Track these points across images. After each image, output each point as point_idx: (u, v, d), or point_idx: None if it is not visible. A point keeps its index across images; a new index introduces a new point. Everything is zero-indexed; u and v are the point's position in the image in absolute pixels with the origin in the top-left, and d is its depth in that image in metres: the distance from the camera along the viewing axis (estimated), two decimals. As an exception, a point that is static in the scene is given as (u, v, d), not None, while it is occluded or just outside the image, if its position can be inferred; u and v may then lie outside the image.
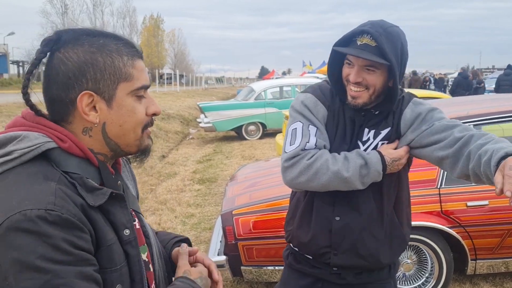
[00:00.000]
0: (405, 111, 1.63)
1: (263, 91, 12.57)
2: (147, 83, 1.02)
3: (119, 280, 0.94)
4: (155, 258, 1.13)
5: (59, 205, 0.85)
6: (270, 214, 3.28)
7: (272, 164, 5.00)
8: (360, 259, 1.68)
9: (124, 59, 0.97)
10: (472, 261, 3.24)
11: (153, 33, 57.90)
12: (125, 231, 0.98)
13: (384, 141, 1.64)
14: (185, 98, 23.98)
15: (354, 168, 1.54)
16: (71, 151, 0.94)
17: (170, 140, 11.94)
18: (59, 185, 0.89)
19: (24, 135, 0.93)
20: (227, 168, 8.31)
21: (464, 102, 4.37)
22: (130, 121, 0.99)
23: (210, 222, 5.22)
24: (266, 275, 3.37)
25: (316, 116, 1.65)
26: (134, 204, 1.13)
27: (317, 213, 1.71)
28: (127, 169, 1.19)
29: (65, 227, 0.84)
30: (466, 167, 1.43)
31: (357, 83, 1.56)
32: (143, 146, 1.05)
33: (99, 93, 0.95)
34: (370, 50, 1.50)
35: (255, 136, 12.30)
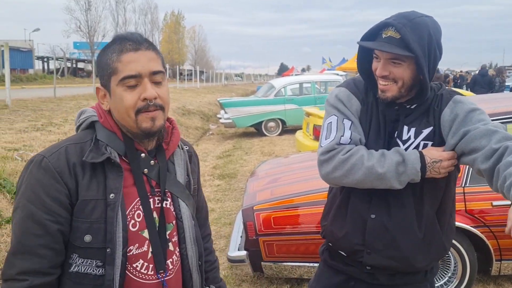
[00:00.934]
0: (444, 110, 1.56)
1: (283, 87, 12.54)
2: (132, 73, 1.16)
3: (88, 231, 1.15)
4: (187, 242, 1.31)
5: (52, 157, 1.16)
6: (292, 210, 3.28)
7: (292, 161, 5.00)
8: (393, 261, 1.63)
9: (113, 56, 1.18)
10: (497, 261, 3.18)
11: (174, 29, 58.31)
12: (110, 195, 1.17)
13: (427, 141, 1.57)
14: (205, 94, 24.12)
15: (390, 164, 1.49)
16: (104, 125, 1.23)
17: (191, 136, 12.03)
18: (73, 145, 1.19)
19: (85, 110, 1.29)
20: (246, 164, 8.33)
21: (488, 99, 4.28)
22: (121, 107, 1.18)
23: (230, 217, 5.25)
24: (286, 271, 3.38)
25: (350, 109, 1.62)
26: (174, 187, 1.30)
27: (352, 210, 1.66)
28: (182, 158, 1.35)
29: (47, 173, 1.14)
30: (495, 185, 1.38)
31: (384, 76, 1.54)
32: (142, 127, 1.19)
33: (104, 86, 1.23)
34: (394, 43, 1.47)
35: (274, 132, 12.29)
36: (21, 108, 10.70)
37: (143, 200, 1.21)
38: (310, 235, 3.19)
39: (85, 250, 1.15)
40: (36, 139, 6.57)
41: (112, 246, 1.15)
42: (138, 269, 1.21)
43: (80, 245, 1.15)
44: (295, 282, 3.56)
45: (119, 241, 1.16)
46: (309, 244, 3.22)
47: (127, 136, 1.23)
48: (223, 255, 4.05)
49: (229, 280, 3.70)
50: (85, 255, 1.16)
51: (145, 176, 1.24)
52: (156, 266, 1.23)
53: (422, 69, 1.49)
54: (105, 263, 1.15)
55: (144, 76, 1.17)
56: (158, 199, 1.25)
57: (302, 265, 3.34)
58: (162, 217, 1.26)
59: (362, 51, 1.64)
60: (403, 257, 1.62)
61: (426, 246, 1.62)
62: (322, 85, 13.52)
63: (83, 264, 1.16)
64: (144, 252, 1.21)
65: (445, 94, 1.61)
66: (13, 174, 4.59)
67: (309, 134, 7.39)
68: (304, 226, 3.18)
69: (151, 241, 1.22)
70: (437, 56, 1.54)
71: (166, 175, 1.29)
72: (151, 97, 1.16)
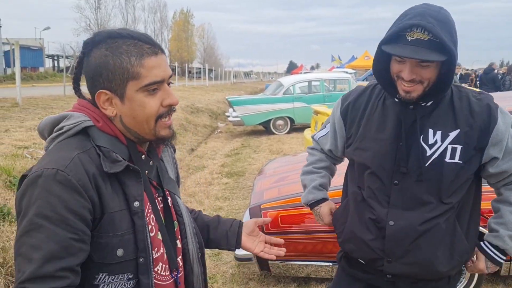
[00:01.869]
0: (499, 121, 1.50)
1: (291, 85, 12.51)
2: (158, 79, 1.10)
3: (120, 244, 1.08)
4: (188, 236, 1.30)
5: (69, 169, 1.02)
6: (299, 209, 3.26)
7: (300, 159, 4.98)
8: (415, 267, 1.58)
9: (132, 60, 1.08)
10: (507, 262, 3.14)
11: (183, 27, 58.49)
12: (135, 203, 1.11)
13: (455, 145, 1.51)
14: (214, 92, 24.15)
15: (304, 179, 1.96)
16: (104, 129, 1.12)
17: (199, 134, 12.05)
18: (82, 154, 1.07)
19: (71, 115, 1.13)
20: (255, 162, 8.33)
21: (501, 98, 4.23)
22: (142, 114, 1.11)
23: (238, 216, 5.25)
24: (293, 269, 3.37)
25: (334, 119, 1.81)
26: (170, 185, 1.29)
27: (369, 217, 1.63)
28: (169, 154, 1.35)
29: (67, 187, 1.01)
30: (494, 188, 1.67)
31: (412, 80, 1.47)
32: (159, 135, 1.16)
33: (113, 91, 1.10)
34: (424, 45, 1.38)
35: (283, 130, 12.27)
36: (32, 106, 10.80)
37: (152, 203, 1.20)
38: (318, 234, 3.17)
39: (117, 265, 1.09)
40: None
41: (146, 254, 1.11)
42: (159, 272, 1.19)
43: (112, 261, 1.08)
44: (302, 281, 3.55)
45: (149, 248, 1.13)
46: (316, 243, 3.21)
47: (130, 140, 1.16)
48: (231, 254, 4.06)
49: (236, 278, 3.70)
50: (116, 271, 1.09)
51: (147, 178, 1.21)
52: (170, 265, 1.23)
53: (454, 69, 1.46)
54: (138, 273, 1.11)
55: (165, 82, 1.13)
56: (161, 199, 1.25)
57: (310, 264, 3.33)
58: (169, 216, 1.26)
59: (381, 53, 1.52)
60: (425, 262, 1.57)
61: (449, 250, 1.58)
62: (331, 83, 13.45)
63: (113, 281, 1.09)
64: (161, 254, 1.20)
65: (484, 100, 1.56)
66: (23, 172, 4.63)
67: (318, 132, 7.35)
68: (312, 225, 3.17)
69: (164, 242, 1.21)
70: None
71: (163, 174, 1.28)
72: (176, 103, 1.15)
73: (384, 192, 1.59)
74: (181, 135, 10.72)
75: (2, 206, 3.77)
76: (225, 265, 3.96)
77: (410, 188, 1.55)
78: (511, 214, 1.58)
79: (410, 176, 1.55)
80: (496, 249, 1.62)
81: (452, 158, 1.52)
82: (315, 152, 1.95)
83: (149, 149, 1.24)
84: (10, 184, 4.27)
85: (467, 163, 1.52)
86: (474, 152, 1.52)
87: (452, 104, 1.55)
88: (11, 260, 3.15)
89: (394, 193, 1.58)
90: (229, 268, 3.90)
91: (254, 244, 1.49)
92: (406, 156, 1.55)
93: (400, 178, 1.56)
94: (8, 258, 3.16)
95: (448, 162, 1.52)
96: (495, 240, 1.61)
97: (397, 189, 1.57)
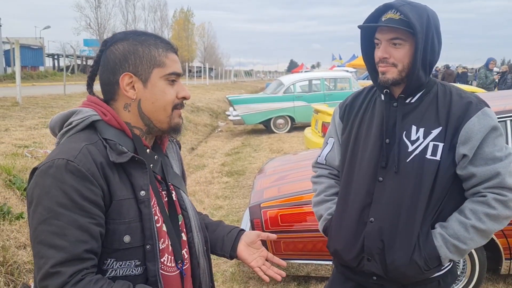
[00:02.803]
0: (472, 119, 1.49)
1: (292, 84, 12.50)
2: (178, 71, 1.23)
3: (127, 231, 1.13)
4: (193, 230, 1.34)
5: (78, 159, 1.08)
6: (298, 207, 3.26)
7: (300, 158, 4.97)
8: (390, 268, 1.57)
9: (159, 51, 1.21)
10: (507, 260, 3.14)
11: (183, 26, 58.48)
12: (141, 192, 1.16)
13: (437, 142, 1.52)
14: (214, 91, 24.13)
15: (318, 210, 1.86)
16: (111, 123, 1.18)
17: (199, 133, 12.05)
18: (90, 145, 1.13)
19: (79, 110, 1.20)
20: (255, 161, 8.33)
21: (503, 96, 4.23)
22: (161, 99, 1.20)
23: (238, 215, 5.25)
24: (293, 268, 3.37)
25: (337, 128, 1.83)
26: (174, 179, 1.34)
27: (351, 215, 1.65)
28: (174, 150, 1.41)
29: (78, 177, 1.07)
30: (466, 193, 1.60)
31: (384, 59, 1.53)
32: (173, 123, 1.24)
33: (138, 75, 1.19)
34: (394, 23, 1.49)
35: (283, 129, 12.26)
36: (32, 105, 10.79)
37: (157, 196, 1.23)
38: (318, 233, 3.14)
39: (124, 252, 1.13)
40: (46, 136, 6.62)
41: (153, 242, 1.16)
42: (165, 263, 1.23)
43: (119, 247, 1.13)
44: (303, 279, 3.55)
45: (156, 236, 1.17)
46: (316, 242, 3.21)
47: (135, 133, 1.21)
48: (230, 252, 4.06)
49: (236, 277, 3.70)
50: (123, 257, 1.14)
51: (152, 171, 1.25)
52: (175, 257, 1.25)
53: (418, 46, 1.47)
54: (146, 260, 1.16)
55: (180, 77, 1.25)
56: (165, 193, 1.29)
57: (310, 262, 3.33)
58: (173, 209, 1.29)
59: (365, 40, 1.64)
60: (397, 264, 1.55)
61: (418, 255, 1.53)
62: (331, 82, 13.45)
63: (121, 267, 1.14)
64: (167, 245, 1.24)
65: (467, 98, 1.55)
66: (23, 171, 4.63)
67: (318, 131, 7.36)
68: (312, 223, 3.16)
69: (169, 234, 1.25)
70: (435, 42, 1.53)
71: (168, 169, 1.32)
72: (189, 97, 1.25)
73: (368, 189, 1.61)
74: (182, 134, 10.70)
75: (2, 205, 3.77)
76: (225, 264, 3.96)
77: (392, 185, 1.56)
78: (456, 222, 1.52)
79: (391, 172, 1.56)
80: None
81: (433, 155, 1.52)
82: (322, 179, 1.87)
83: (154, 144, 1.30)
84: (10, 183, 4.27)
85: (446, 161, 1.52)
86: (451, 150, 1.52)
87: (437, 101, 1.56)
88: (11, 258, 3.15)
89: (378, 189, 1.59)
90: (229, 267, 3.90)
91: (252, 257, 1.42)
92: (388, 152, 1.57)
93: (384, 174, 1.58)
94: (8, 257, 3.16)
95: (429, 159, 1.52)
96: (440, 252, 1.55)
97: (381, 185, 1.59)
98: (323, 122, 7.01)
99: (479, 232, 1.51)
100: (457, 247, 1.51)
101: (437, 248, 1.52)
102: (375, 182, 1.60)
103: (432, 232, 1.54)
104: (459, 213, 1.54)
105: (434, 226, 1.56)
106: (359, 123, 1.70)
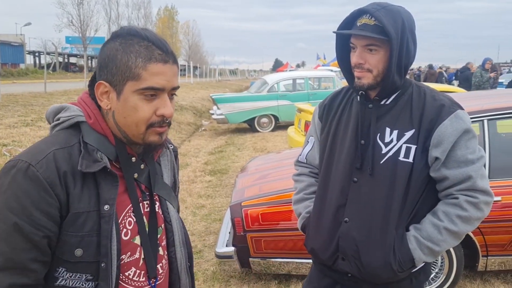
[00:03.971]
0: (445, 122, 1.51)
1: (276, 83, 12.52)
2: (158, 86, 1.08)
3: (79, 245, 1.06)
4: (176, 244, 1.28)
5: (40, 165, 1.03)
6: (279, 206, 3.27)
7: (283, 156, 4.98)
8: (364, 269, 1.58)
9: (138, 61, 1.07)
10: (483, 257, 3.20)
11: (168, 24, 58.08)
12: (105, 206, 1.08)
13: (410, 144, 1.53)
14: (199, 89, 24.04)
15: (296, 208, 1.87)
16: (94, 127, 1.12)
17: (183, 132, 11.99)
18: (61, 150, 1.07)
19: (68, 107, 1.15)
20: (238, 160, 8.32)
21: (480, 96, 4.30)
22: (133, 116, 1.09)
23: (220, 214, 5.24)
24: (274, 267, 3.38)
25: (316, 127, 1.84)
26: (162, 190, 1.26)
27: (327, 216, 1.66)
28: (168, 159, 1.32)
29: (35, 184, 1.02)
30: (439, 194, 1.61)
31: (359, 64, 1.54)
32: (146, 141, 1.12)
33: (113, 85, 1.09)
34: (369, 29, 1.48)
35: (267, 128, 12.28)
36: (11, 103, 10.60)
37: (135, 207, 1.16)
38: (298, 231, 3.16)
39: (75, 265, 1.07)
40: (26, 134, 6.52)
41: (107, 260, 1.08)
42: (130, 277, 1.16)
43: (69, 260, 1.07)
44: (283, 278, 3.56)
45: (114, 254, 1.09)
46: (297, 240, 3.22)
47: (119, 140, 1.13)
48: (212, 251, 4.05)
49: (217, 276, 3.70)
50: (74, 270, 1.07)
51: (135, 181, 1.18)
52: (148, 272, 1.19)
53: (393, 53, 1.48)
54: (99, 278, 1.08)
55: (165, 91, 1.10)
56: (147, 203, 1.21)
57: (290, 261, 3.34)
58: (153, 221, 1.22)
59: (340, 43, 1.64)
60: (372, 265, 1.56)
61: (393, 256, 1.55)
62: (315, 81, 13.51)
63: (71, 278, 1.08)
64: (136, 259, 1.17)
65: (441, 101, 1.56)
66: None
67: (301, 130, 7.39)
68: (292, 222, 3.17)
69: (144, 247, 1.18)
70: (410, 45, 1.53)
71: (156, 179, 1.25)
72: (170, 116, 1.11)
73: (343, 189, 1.62)
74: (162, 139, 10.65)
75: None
76: (206, 263, 3.95)
77: (367, 186, 1.58)
78: (430, 224, 1.54)
79: (365, 173, 1.58)
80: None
81: (406, 158, 1.53)
82: (303, 178, 1.89)
83: (145, 151, 1.20)
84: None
85: (419, 163, 1.53)
86: (424, 153, 1.53)
87: (411, 103, 1.57)
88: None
89: (353, 190, 1.61)
90: (210, 265, 3.90)
91: None
92: (363, 154, 1.58)
93: (359, 175, 1.59)
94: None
95: (402, 161, 1.53)
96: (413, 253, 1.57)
97: (355, 186, 1.60)
98: (306, 121, 7.04)
99: (451, 234, 1.53)
100: (430, 249, 1.53)
101: (412, 251, 1.54)
102: (350, 182, 1.61)
103: (407, 235, 1.55)
104: (433, 215, 1.56)
105: (408, 228, 1.57)
106: (336, 123, 1.71)
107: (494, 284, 3.42)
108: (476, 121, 3.23)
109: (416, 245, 1.53)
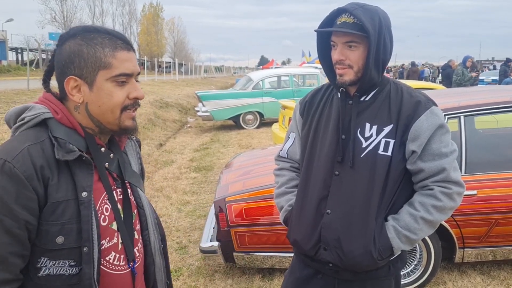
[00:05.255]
0: (421, 118, 1.59)
1: (261, 80, 12.56)
2: (128, 71, 1.18)
3: (60, 232, 1.12)
4: (150, 227, 1.36)
5: (16, 160, 1.08)
6: (263, 201, 3.32)
7: (267, 153, 5.03)
8: (346, 257, 1.64)
9: (105, 51, 1.16)
10: (460, 249, 3.30)
11: (153, 21, 57.51)
12: (83, 193, 1.15)
13: (389, 139, 1.61)
14: (184, 87, 23.94)
15: (278, 202, 1.91)
16: (62, 121, 1.17)
17: (168, 129, 11.96)
18: (33, 145, 1.11)
19: (32, 106, 1.20)
20: (223, 156, 8.35)
21: (457, 93, 4.40)
22: (108, 102, 1.17)
23: (205, 210, 5.27)
24: (258, 261, 3.43)
25: (297, 123, 1.88)
26: (132, 177, 1.34)
27: (309, 207, 1.72)
28: (133, 148, 1.41)
29: (12, 179, 1.06)
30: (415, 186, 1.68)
31: (340, 61, 1.60)
32: (122, 126, 1.21)
33: (83, 78, 1.16)
34: (348, 27, 1.55)
35: (252, 125, 12.33)
36: (-7, 100, 10.44)
37: (109, 194, 1.24)
38: (281, 226, 3.21)
39: (57, 252, 1.13)
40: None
41: (90, 244, 1.14)
42: (111, 261, 1.23)
43: (52, 248, 1.12)
44: (267, 272, 3.62)
45: (95, 238, 1.15)
46: (280, 235, 3.28)
47: (87, 132, 1.20)
48: (197, 247, 4.09)
49: (202, 270, 3.74)
50: (56, 257, 1.13)
51: (107, 169, 1.25)
52: (127, 255, 1.26)
53: (371, 49, 1.55)
54: (82, 262, 1.14)
55: (133, 76, 1.20)
56: (120, 190, 1.29)
57: (274, 255, 3.39)
58: (128, 207, 1.30)
59: (321, 42, 1.70)
60: (353, 254, 1.62)
61: (374, 246, 1.62)
62: (300, 78, 13.59)
63: (54, 266, 1.13)
64: (115, 244, 1.24)
65: (417, 97, 1.64)
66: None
67: (285, 126, 7.45)
68: (275, 217, 3.22)
69: (121, 232, 1.25)
70: (387, 42, 1.61)
71: (125, 167, 1.32)
72: (142, 97, 1.22)
73: (325, 182, 1.69)
74: (150, 130, 10.62)
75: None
76: (191, 258, 3.99)
77: (348, 179, 1.65)
78: (407, 214, 1.62)
79: (346, 166, 1.64)
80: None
81: (385, 151, 1.61)
82: (284, 172, 1.94)
83: (111, 142, 1.29)
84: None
85: (397, 156, 1.61)
86: (401, 147, 1.62)
87: (389, 99, 1.65)
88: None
89: (334, 183, 1.67)
90: (195, 261, 3.93)
91: None
92: (344, 148, 1.65)
93: (340, 169, 1.66)
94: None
95: (381, 154, 1.61)
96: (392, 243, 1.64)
97: (337, 179, 1.67)
98: (290, 118, 7.10)
99: (427, 222, 1.61)
100: (408, 237, 1.61)
101: (390, 239, 1.61)
102: (331, 175, 1.67)
103: (386, 225, 1.63)
104: (409, 205, 1.64)
105: (387, 218, 1.65)
106: (318, 119, 1.77)
107: (470, 275, 3.52)
108: (453, 117, 3.33)
109: (394, 234, 1.61)
